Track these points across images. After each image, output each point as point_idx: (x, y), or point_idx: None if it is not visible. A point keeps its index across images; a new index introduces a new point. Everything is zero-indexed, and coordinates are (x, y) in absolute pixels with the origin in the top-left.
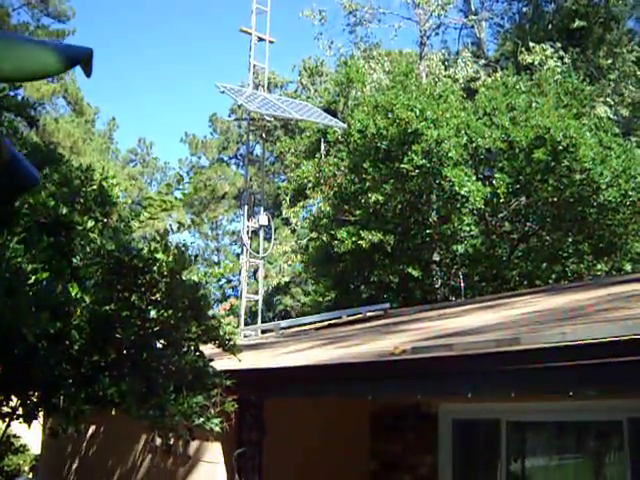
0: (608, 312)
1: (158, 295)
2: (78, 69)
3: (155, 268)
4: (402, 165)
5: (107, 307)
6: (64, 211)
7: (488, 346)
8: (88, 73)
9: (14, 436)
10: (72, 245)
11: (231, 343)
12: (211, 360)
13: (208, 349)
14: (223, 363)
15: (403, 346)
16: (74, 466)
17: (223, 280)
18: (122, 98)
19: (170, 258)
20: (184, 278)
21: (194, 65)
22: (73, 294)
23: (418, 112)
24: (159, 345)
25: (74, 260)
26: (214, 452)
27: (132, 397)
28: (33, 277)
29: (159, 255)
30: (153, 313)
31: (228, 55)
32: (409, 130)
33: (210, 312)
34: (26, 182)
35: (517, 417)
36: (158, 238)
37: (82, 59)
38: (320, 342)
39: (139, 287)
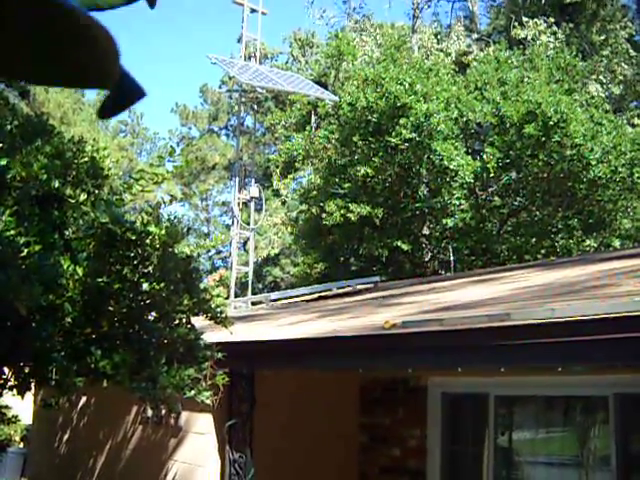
0: (597, 289)
1: (150, 268)
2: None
3: (148, 241)
4: (390, 139)
5: (99, 280)
6: (56, 184)
7: (479, 321)
8: (153, 4)
9: (5, 407)
10: (64, 218)
11: (222, 315)
12: (202, 332)
13: (199, 322)
14: (214, 335)
15: (394, 320)
16: (65, 437)
17: (213, 251)
18: None
19: (162, 231)
20: (176, 251)
21: (185, 37)
22: (65, 267)
23: (407, 86)
24: (151, 318)
25: (66, 233)
26: (205, 423)
27: (124, 369)
28: (25, 250)
29: (152, 228)
30: (145, 286)
31: (219, 27)
32: (398, 104)
33: (202, 285)
34: (135, 95)
35: (505, 391)
36: (150, 210)
37: None
38: (311, 315)
39: (131, 260)
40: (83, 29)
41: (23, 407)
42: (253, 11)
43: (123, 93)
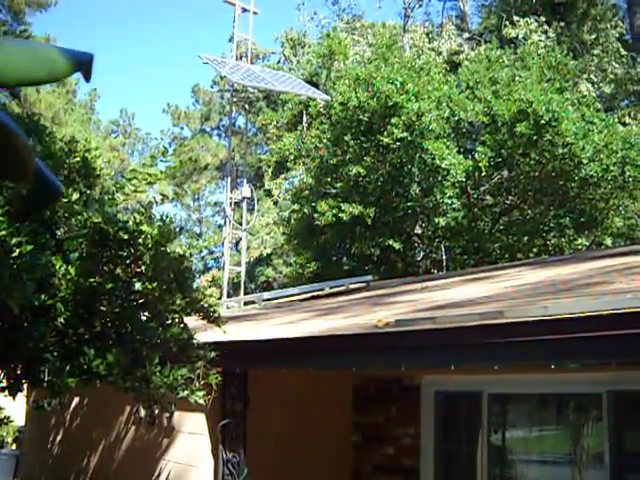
0: (589, 287)
1: (143, 267)
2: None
3: (140, 240)
4: (382, 138)
5: (92, 279)
6: None
7: (472, 319)
8: (88, 78)
9: None
10: (56, 218)
11: (215, 315)
12: (195, 332)
13: (192, 321)
14: (207, 335)
15: (387, 319)
16: (58, 438)
17: (205, 251)
18: (104, 69)
19: (155, 230)
20: (169, 250)
21: (177, 37)
22: (57, 267)
23: (399, 85)
24: (143, 317)
25: (58, 233)
26: (198, 423)
27: (118, 369)
28: (17, 250)
29: (144, 227)
30: (138, 285)
31: (211, 26)
32: (390, 103)
33: (194, 285)
34: (51, 193)
35: (499, 389)
36: (142, 210)
37: (85, 64)
38: (304, 314)
39: (124, 259)
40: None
41: (15, 408)
42: (244, 10)
43: (41, 193)
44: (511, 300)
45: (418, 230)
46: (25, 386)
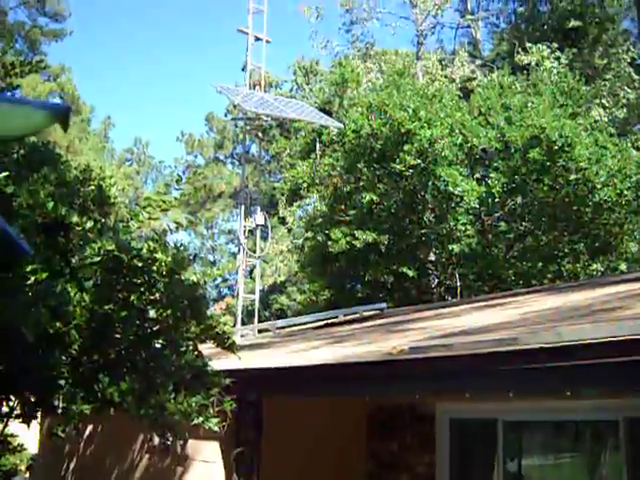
0: (605, 312)
1: (157, 295)
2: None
3: (154, 268)
4: (395, 165)
5: (106, 307)
6: (63, 211)
7: (487, 346)
8: (66, 128)
9: (11, 435)
10: (70, 245)
11: (230, 341)
12: (210, 359)
13: (206, 349)
14: (221, 363)
15: (401, 346)
16: (71, 466)
17: (219, 279)
18: (118, 97)
19: (169, 258)
20: (183, 278)
21: (190, 64)
22: (72, 294)
23: (411, 112)
24: (158, 345)
25: (72, 260)
26: (212, 452)
27: (132, 396)
28: (32, 277)
29: (158, 255)
30: (152, 313)
31: (223, 54)
32: (402, 130)
33: (208, 312)
34: (16, 254)
35: (514, 416)
36: (156, 237)
37: (63, 115)
38: (318, 342)
39: (138, 287)
40: None
41: (28, 435)
42: (257, 39)
43: (4, 251)
44: (526, 327)
45: (432, 257)
46: (39, 414)
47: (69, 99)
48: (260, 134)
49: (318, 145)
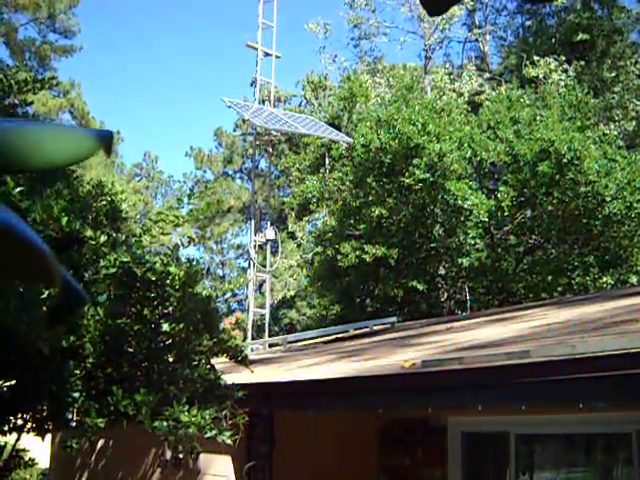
0: (616, 325)
1: (170, 308)
2: None
3: (168, 281)
4: (404, 179)
5: (120, 321)
6: (77, 226)
7: (498, 359)
8: (109, 154)
9: (22, 450)
10: (84, 260)
11: (242, 355)
12: (222, 373)
13: (218, 363)
14: (233, 377)
15: (413, 360)
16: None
17: (228, 294)
18: (127, 112)
19: (182, 272)
20: (195, 292)
21: (199, 79)
22: (86, 308)
23: (420, 126)
24: (171, 358)
25: (86, 275)
26: (224, 466)
27: (145, 409)
28: (47, 292)
29: (172, 269)
30: (165, 326)
31: (232, 69)
32: (411, 144)
33: (220, 326)
34: (76, 303)
35: (526, 430)
36: (169, 252)
37: (107, 141)
38: (329, 356)
39: (151, 301)
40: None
41: (40, 450)
42: (267, 55)
43: (69, 300)
44: (537, 340)
45: (442, 271)
46: (51, 427)
47: (79, 115)
48: (269, 149)
49: (327, 160)
